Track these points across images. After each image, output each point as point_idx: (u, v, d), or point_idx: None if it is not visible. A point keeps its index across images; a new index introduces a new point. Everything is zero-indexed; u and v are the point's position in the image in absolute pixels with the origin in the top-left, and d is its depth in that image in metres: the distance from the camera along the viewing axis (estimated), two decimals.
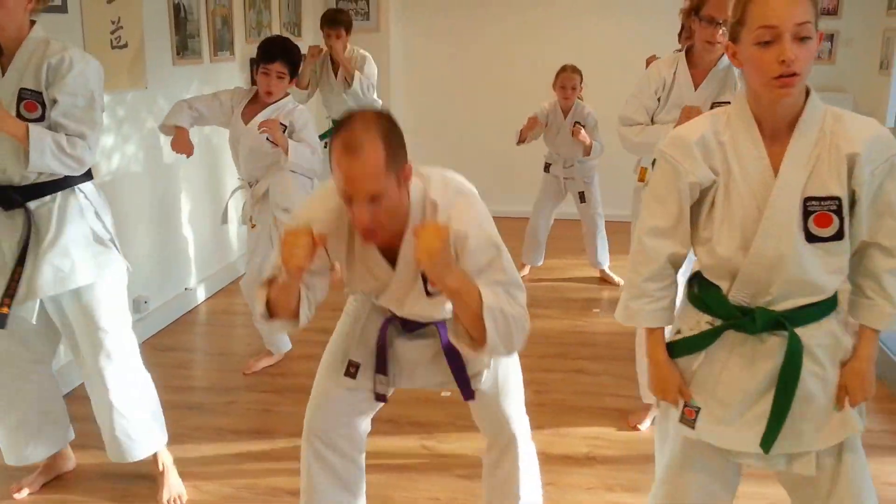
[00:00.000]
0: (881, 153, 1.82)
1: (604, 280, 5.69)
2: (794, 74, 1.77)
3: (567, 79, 5.32)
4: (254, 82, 4.39)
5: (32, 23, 2.60)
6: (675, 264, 2.04)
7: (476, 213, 2.11)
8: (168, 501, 2.98)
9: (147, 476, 3.05)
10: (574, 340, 4.64)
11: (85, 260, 2.71)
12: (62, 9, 3.79)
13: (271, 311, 2.18)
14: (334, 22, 5.32)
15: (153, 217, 4.69)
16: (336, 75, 5.47)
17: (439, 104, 7.53)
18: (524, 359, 2.51)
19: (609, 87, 7.17)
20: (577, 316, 5.05)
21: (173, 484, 3.03)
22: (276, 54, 3.77)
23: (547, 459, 3.31)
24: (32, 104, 2.53)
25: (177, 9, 4.80)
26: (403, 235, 2.10)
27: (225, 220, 4.46)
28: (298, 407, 3.73)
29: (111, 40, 4.16)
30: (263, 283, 2.20)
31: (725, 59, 3.26)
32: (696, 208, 1.97)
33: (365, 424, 2.54)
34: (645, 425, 3.60)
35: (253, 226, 3.99)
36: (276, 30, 6.23)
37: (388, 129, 1.95)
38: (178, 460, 3.08)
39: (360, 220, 1.95)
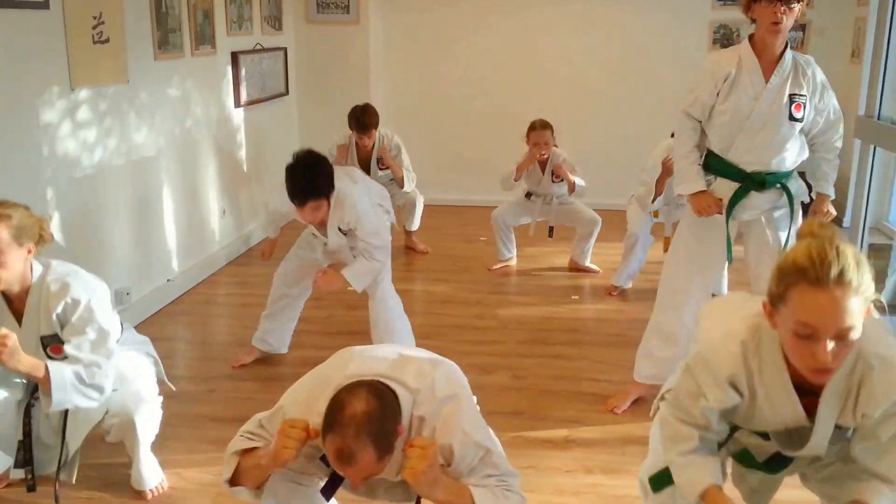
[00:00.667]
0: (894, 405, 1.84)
1: (580, 269, 5.74)
2: (830, 369, 1.72)
3: (539, 136, 5.37)
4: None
5: None
6: (711, 439, 2.07)
7: (460, 419, 2.14)
8: (151, 490, 3.01)
9: (127, 465, 3.06)
10: (552, 326, 4.70)
11: (120, 394, 2.87)
12: (44, 5, 3.81)
13: (237, 480, 2.26)
14: (364, 126, 5.60)
15: (135, 209, 4.72)
16: (365, 166, 5.67)
17: (420, 96, 7.55)
18: (503, 345, 2.57)
19: (591, 79, 7.28)
20: (556, 302, 5.11)
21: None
22: (305, 196, 3.66)
23: (526, 443, 3.38)
24: (57, 348, 2.71)
25: (158, 3, 4.81)
26: None
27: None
28: (279, 395, 3.74)
29: (93, 35, 4.18)
30: (238, 452, 2.27)
31: (789, 52, 3.19)
32: None
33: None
34: (623, 408, 3.66)
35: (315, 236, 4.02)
36: (257, 24, 6.25)
37: (381, 424, 1.96)
38: (159, 448, 3.10)
39: (355, 486, 2.07)
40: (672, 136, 3.68)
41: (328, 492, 2.27)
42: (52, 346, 2.72)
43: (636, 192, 5.06)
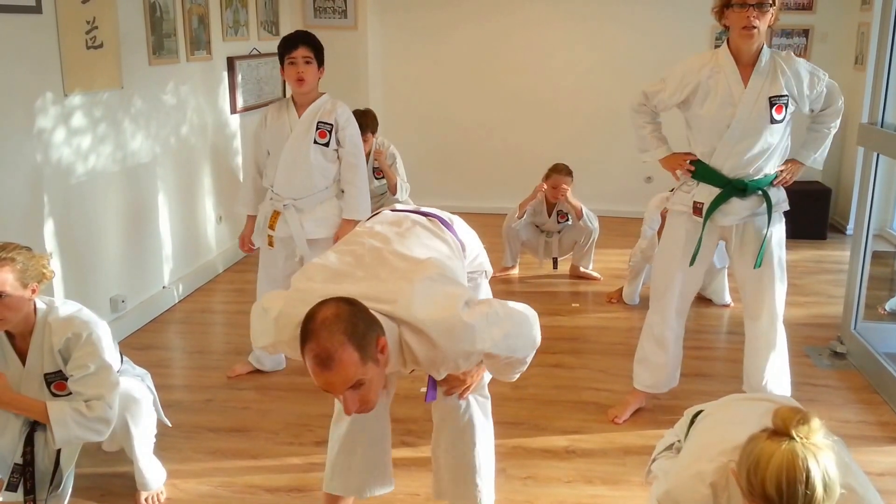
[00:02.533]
0: None
1: (580, 276, 5.70)
2: None
3: (559, 180, 5.38)
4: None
5: None
6: None
7: (453, 352, 2.09)
8: (146, 500, 3.00)
9: (125, 475, 3.05)
10: (553, 335, 4.64)
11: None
12: (36, 9, 3.77)
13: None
14: (362, 127, 5.49)
15: (130, 216, 4.67)
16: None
17: (418, 102, 7.53)
18: None
19: (593, 85, 7.25)
20: (557, 310, 5.06)
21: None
22: (298, 41, 3.69)
23: (526, 453, 3.34)
24: (61, 384, 2.78)
25: (152, 8, 4.77)
26: None
27: (270, 243, 4.00)
28: (276, 404, 3.76)
29: (86, 40, 4.13)
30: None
31: (766, 52, 3.20)
32: None
33: None
34: (623, 418, 3.62)
35: (271, 245, 3.89)
36: (253, 29, 6.22)
37: (353, 322, 1.93)
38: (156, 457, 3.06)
39: (349, 410, 2.00)
40: (671, 190, 3.72)
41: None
42: (55, 383, 2.77)
43: (639, 245, 5.08)
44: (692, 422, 2.30)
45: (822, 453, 1.65)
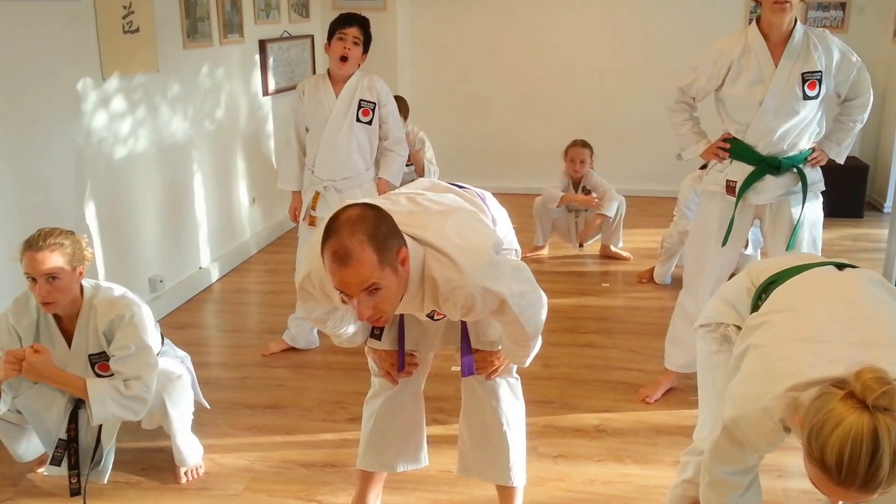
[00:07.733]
0: None
1: (610, 256, 5.70)
2: None
3: (577, 153, 5.48)
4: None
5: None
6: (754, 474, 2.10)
7: (473, 284, 2.09)
8: (186, 473, 3.08)
9: (165, 450, 3.13)
10: (583, 314, 4.67)
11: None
12: None
13: None
14: None
15: (167, 198, 4.75)
16: None
17: (447, 83, 7.50)
18: None
19: (621, 64, 7.19)
20: (587, 290, 5.07)
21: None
22: (354, 20, 3.75)
23: (557, 432, 3.37)
24: (104, 365, 2.88)
25: None
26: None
27: (312, 222, 4.03)
28: (310, 382, 3.83)
29: (123, 25, 4.20)
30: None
31: (799, 29, 3.16)
32: None
33: None
34: (655, 398, 3.63)
35: (313, 224, 3.90)
36: (284, 12, 6.25)
37: (375, 225, 1.95)
38: (194, 434, 3.14)
39: (362, 315, 2.00)
40: (701, 167, 3.67)
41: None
42: (99, 363, 2.87)
43: (676, 225, 5.03)
44: (758, 300, 2.19)
45: None
